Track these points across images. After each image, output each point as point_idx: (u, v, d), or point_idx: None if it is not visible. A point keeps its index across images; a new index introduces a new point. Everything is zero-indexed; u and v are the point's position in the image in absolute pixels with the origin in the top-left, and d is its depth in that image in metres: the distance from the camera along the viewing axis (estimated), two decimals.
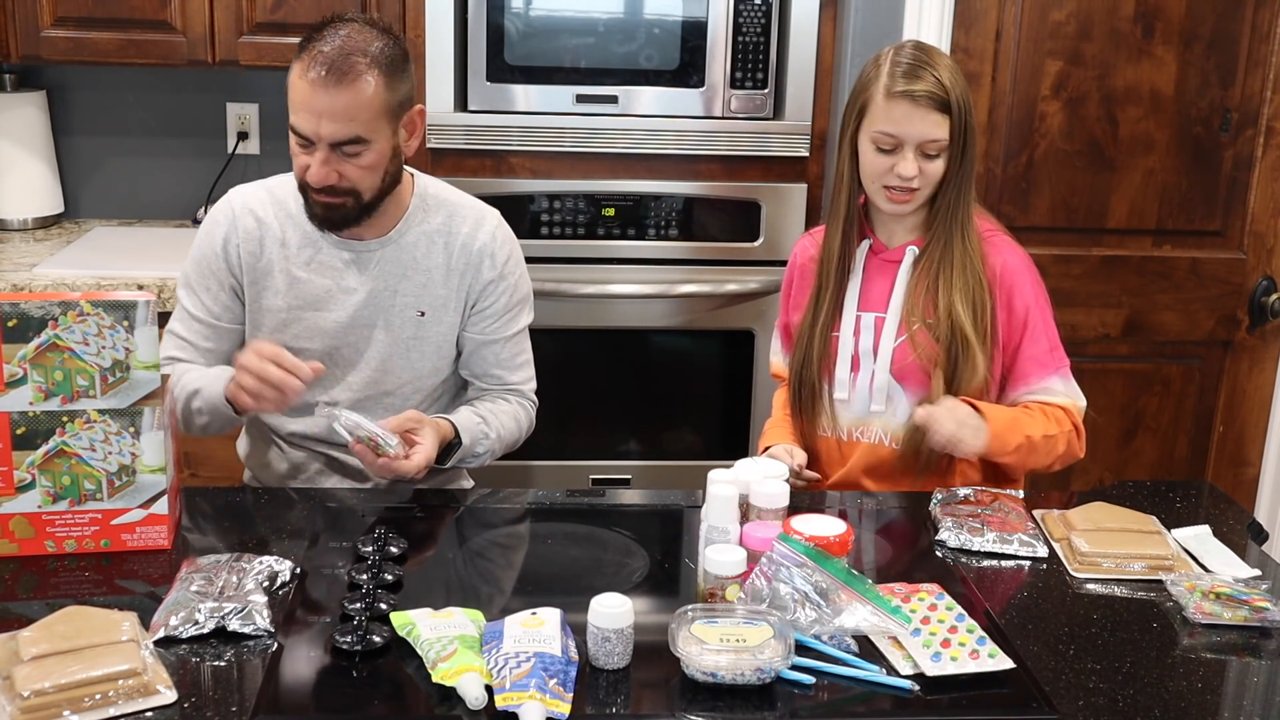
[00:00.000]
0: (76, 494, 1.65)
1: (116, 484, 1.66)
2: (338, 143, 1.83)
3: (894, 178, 1.96)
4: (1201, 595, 1.59)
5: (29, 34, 2.78)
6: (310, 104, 1.81)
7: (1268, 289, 2.86)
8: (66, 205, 3.17)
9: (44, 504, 1.64)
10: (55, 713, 1.28)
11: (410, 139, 1.94)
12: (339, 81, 1.80)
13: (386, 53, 1.85)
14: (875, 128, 1.96)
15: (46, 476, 1.63)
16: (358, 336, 2.03)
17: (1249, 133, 2.79)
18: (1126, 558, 1.70)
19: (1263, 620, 1.56)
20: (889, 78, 1.95)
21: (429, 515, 1.85)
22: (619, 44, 2.78)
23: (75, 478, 1.64)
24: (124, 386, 1.63)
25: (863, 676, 1.42)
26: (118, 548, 1.67)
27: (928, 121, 1.93)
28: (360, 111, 1.82)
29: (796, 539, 1.55)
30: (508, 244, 2.08)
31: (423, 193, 2.04)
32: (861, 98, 1.98)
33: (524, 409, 2.14)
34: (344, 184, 1.87)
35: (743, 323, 2.89)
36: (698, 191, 2.84)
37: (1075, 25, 2.70)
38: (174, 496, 1.72)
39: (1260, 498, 2.97)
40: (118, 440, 1.64)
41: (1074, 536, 1.74)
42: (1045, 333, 2.04)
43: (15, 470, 1.62)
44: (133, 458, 1.65)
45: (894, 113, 1.94)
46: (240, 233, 2.00)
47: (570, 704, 1.32)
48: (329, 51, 1.80)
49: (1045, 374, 2.03)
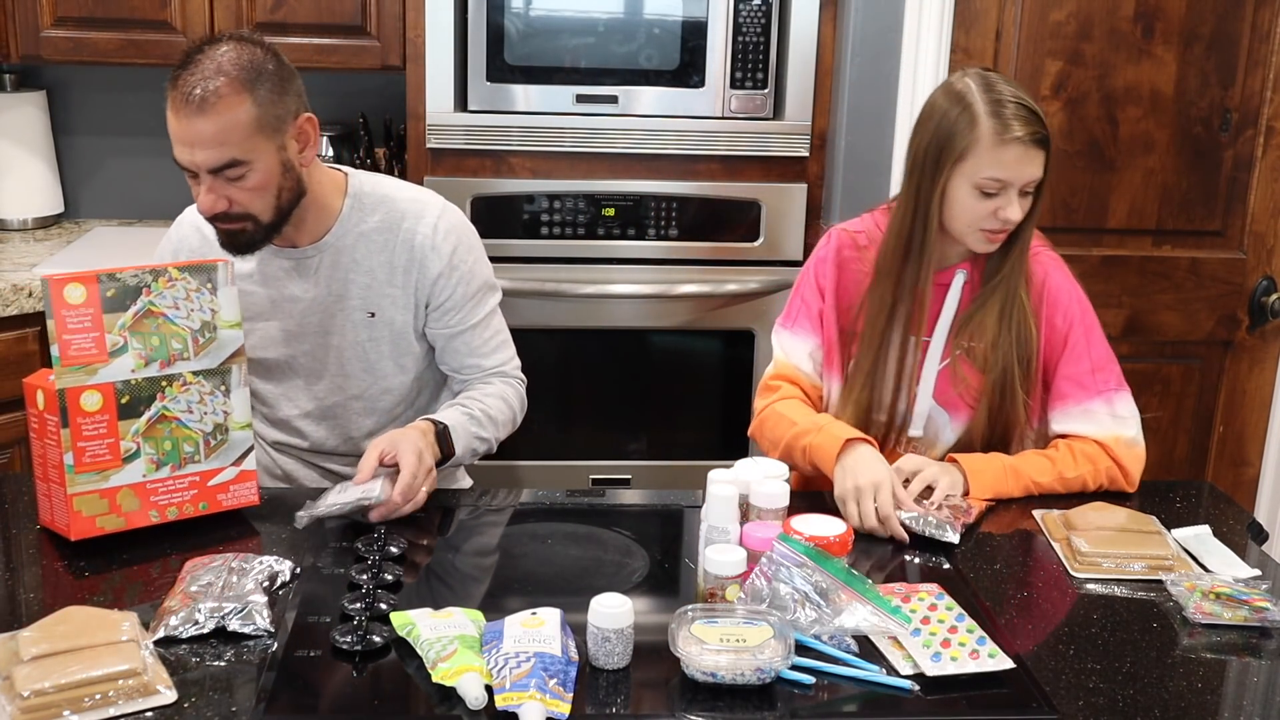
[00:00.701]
0: (177, 458, 1.68)
1: (212, 444, 1.70)
2: (216, 169, 1.80)
3: (996, 221, 1.89)
4: (1201, 595, 1.59)
5: (29, 34, 2.79)
6: (181, 136, 1.79)
7: (1268, 289, 2.86)
8: (66, 205, 3.18)
9: (148, 472, 1.67)
10: (55, 713, 1.28)
11: (304, 150, 1.89)
12: (201, 109, 1.76)
13: (253, 69, 1.80)
14: (983, 174, 1.87)
15: (150, 444, 1.66)
16: (312, 344, 2.02)
17: (1249, 133, 2.79)
18: (1127, 558, 1.70)
19: (1263, 620, 1.56)
20: (996, 120, 1.86)
21: (429, 515, 1.84)
22: (619, 44, 2.78)
23: (175, 441, 1.68)
24: (213, 347, 1.69)
25: (863, 676, 1.42)
26: (214, 509, 1.72)
27: (1036, 163, 1.88)
28: (230, 134, 1.78)
29: (796, 539, 1.56)
30: (452, 234, 2.02)
31: (358, 192, 2.01)
32: (960, 144, 1.88)
33: (511, 387, 2.10)
34: (236, 209, 1.84)
35: (743, 323, 2.89)
36: (698, 191, 2.84)
37: (1075, 25, 2.70)
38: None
39: (1260, 498, 2.97)
40: (211, 400, 1.69)
41: (1074, 536, 1.74)
42: (1088, 353, 1.98)
43: (121, 440, 1.64)
44: (225, 415, 1.71)
45: (1005, 157, 1.86)
46: (186, 250, 2.02)
47: (570, 704, 1.32)
48: (191, 80, 1.77)
49: (1085, 396, 1.97)
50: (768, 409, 2.06)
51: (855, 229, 2.09)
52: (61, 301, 1.59)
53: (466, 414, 1.98)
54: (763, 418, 2.06)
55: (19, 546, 1.70)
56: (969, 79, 1.92)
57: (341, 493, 1.75)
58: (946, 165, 1.90)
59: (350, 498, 1.73)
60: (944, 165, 1.90)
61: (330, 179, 1.99)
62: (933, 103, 1.95)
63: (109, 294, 1.62)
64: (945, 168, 1.90)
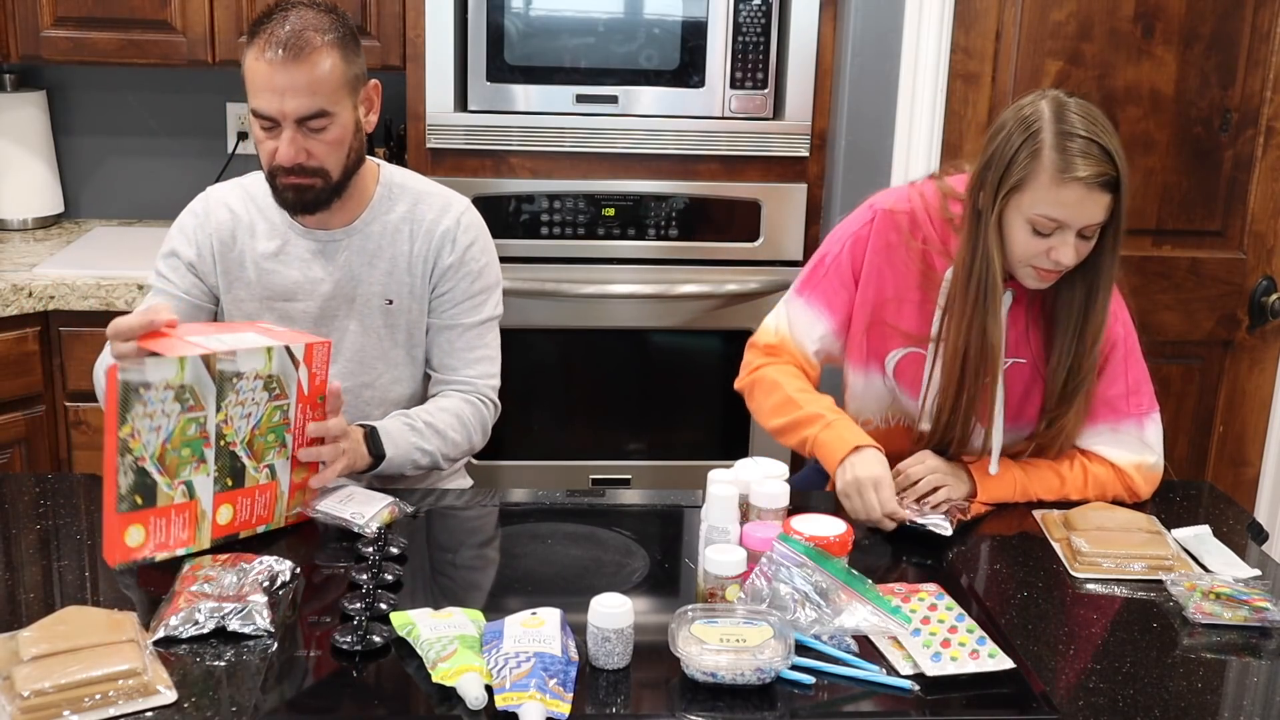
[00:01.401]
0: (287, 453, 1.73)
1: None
2: (303, 118, 1.85)
3: (1048, 261, 1.78)
4: (1201, 595, 1.59)
5: (29, 34, 2.79)
6: (272, 83, 1.84)
7: (1268, 289, 2.86)
8: (66, 205, 3.18)
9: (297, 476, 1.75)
10: (55, 713, 1.28)
11: (369, 114, 1.97)
12: (297, 58, 1.82)
13: (338, 28, 1.88)
14: (1037, 210, 1.75)
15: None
16: (330, 328, 2.03)
17: (1249, 133, 2.79)
18: (1127, 558, 1.70)
19: (1263, 620, 1.57)
20: (1059, 156, 1.73)
21: (429, 515, 1.84)
22: (619, 44, 2.78)
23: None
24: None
25: (863, 676, 1.42)
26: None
27: (1099, 206, 1.75)
28: (321, 85, 1.85)
29: (796, 539, 1.55)
30: (472, 230, 2.06)
31: (388, 181, 2.05)
32: (1019, 173, 1.76)
33: (472, 405, 2.05)
34: (312, 163, 1.89)
35: (743, 323, 2.88)
36: (698, 191, 2.83)
37: (1075, 25, 2.70)
38: None
39: (1260, 498, 2.97)
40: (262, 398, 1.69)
41: (1074, 537, 1.74)
42: (1125, 376, 1.93)
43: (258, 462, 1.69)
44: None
45: (1064, 197, 1.73)
46: (213, 224, 2.03)
47: (570, 704, 1.32)
48: (284, 32, 1.83)
49: (1116, 419, 1.93)
50: (763, 370, 2.00)
51: (901, 208, 1.97)
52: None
53: (407, 423, 1.96)
54: (756, 378, 2.01)
55: (19, 546, 1.70)
56: (1044, 103, 1.79)
57: (342, 503, 1.76)
58: (1003, 192, 1.79)
59: (344, 513, 1.74)
60: (1001, 192, 1.79)
61: (366, 165, 2.03)
62: (1002, 122, 1.83)
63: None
64: (1002, 195, 1.79)
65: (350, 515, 1.72)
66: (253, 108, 1.87)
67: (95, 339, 2.62)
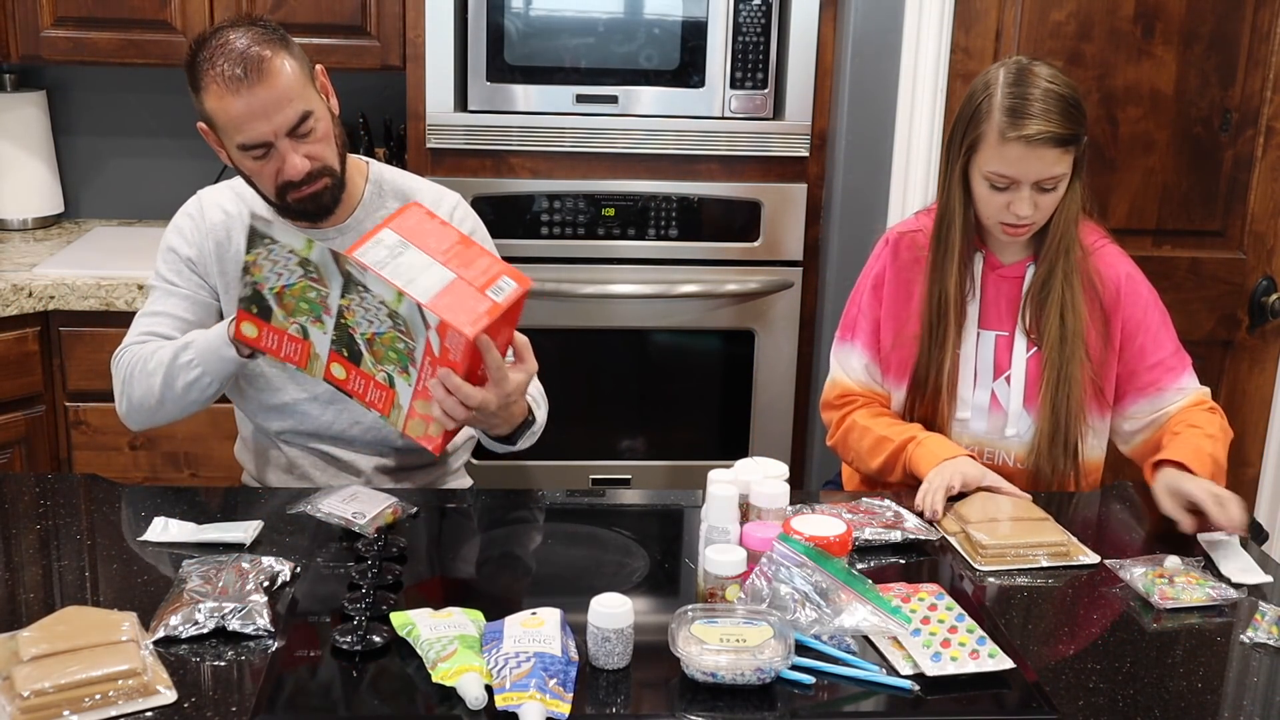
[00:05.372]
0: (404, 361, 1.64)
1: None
2: (292, 128, 1.84)
3: (1010, 215, 1.90)
4: (1157, 579, 1.64)
5: (29, 34, 2.79)
6: (248, 112, 1.81)
7: (1268, 289, 2.86)
8: (66, 205, 3.18)
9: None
10: (55, 713, 1.28)
11: (331, 99, 1.96)
12: (261, 76, 1.81)
13: (269, 32, 1.87)
14: (989, 167, 1.88)
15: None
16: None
17: (1249, 133, 2.79)
18: (1027, 547, 1.72)
19: (1221, 598, 1.61)
20: (1006, 116, 1.85)
21: (429, 515, 1.84)
22: (619, 44, 2.78)
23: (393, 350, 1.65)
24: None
25: (863, 676, 1.42)
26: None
27: (1045, 160, 1.86)
28: (292, 89, 1.84)
29: (796, 539, 1.55)
30: (468, 222, 2.07)
31: (377, 179, 2.06)
32: (972, 133, 1.90)
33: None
34: (316, 165, 1.89)
35: (743, 323, 2.89)
36: (698, 191, 2.84)
37: (1075, 25, 2.70)
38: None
39: (1260, 498, 2.97)
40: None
41: (971, 530, 1.75)
42: (1169, 336, 2.05)
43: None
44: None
45: (1008, 154, 1.86)
46: (208, 224, 2.02)
47: (570, 704, 1.32)
48: (233, 61, 1.81)
49: (1178, 375, 2.03)
50: (848, 419, 2.09)
51: (912, 229, 2.10)
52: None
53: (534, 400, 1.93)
54: (844, 429, 2.10)
55: (19, 546, 1.70)
56: (1005, 67, 1.91)
57: (343, 502, 1.77)
58: (960, 154, 1.92)
59: (345, 513, 1.74)
60: (959, 154, 1.92)
61: (354, 164, 2.03)
62: (971, 85, 1.96)
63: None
64: (960, 156, 1.92)
65: (351, 515, 1.73)
66: (239, 144, 1.84)
67: (95, 339, 2.63)
